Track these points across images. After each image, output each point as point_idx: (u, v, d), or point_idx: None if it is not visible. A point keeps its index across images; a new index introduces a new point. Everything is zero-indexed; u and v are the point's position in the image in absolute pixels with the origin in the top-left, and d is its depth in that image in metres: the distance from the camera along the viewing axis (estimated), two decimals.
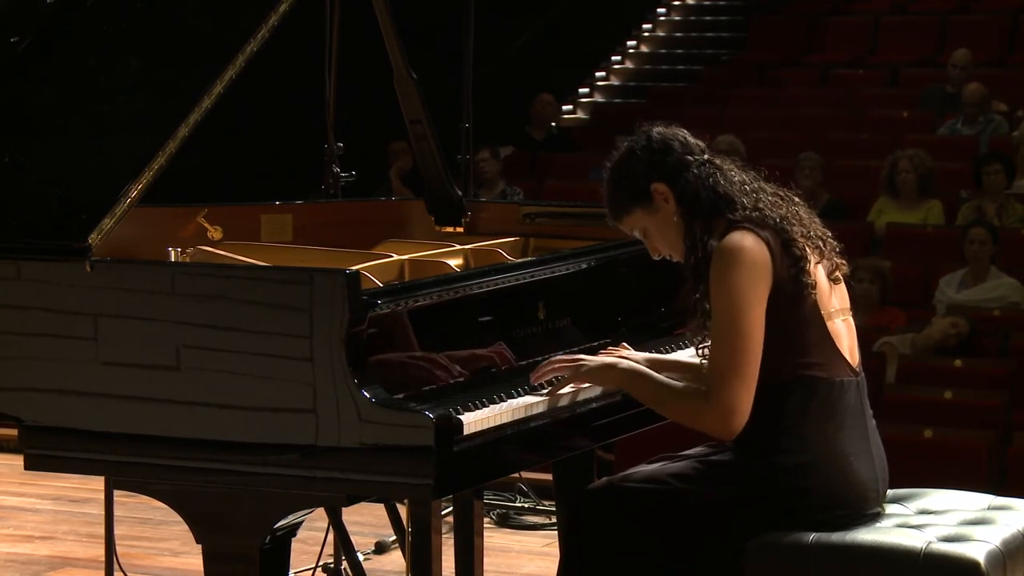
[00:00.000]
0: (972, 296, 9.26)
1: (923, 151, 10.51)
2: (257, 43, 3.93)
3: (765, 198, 3.73)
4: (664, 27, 15.97)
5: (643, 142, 3.81)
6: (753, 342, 3.60)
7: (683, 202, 3.74)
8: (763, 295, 3.60)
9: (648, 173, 3.76)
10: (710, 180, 3.73)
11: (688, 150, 3.78)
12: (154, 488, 3.70)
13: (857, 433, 3.69)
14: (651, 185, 3.75)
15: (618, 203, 3.82)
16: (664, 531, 3.66)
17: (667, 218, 3.76)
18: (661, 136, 3.81)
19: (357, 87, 7.00)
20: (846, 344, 3.72)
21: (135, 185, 3.77)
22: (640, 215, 3.79)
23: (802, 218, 3.74)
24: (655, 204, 3.76)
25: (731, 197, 3.70)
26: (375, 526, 5.88)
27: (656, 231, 3.80)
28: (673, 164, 3.76)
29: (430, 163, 4.63)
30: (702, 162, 3.76)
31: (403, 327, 3.64)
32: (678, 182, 3.74)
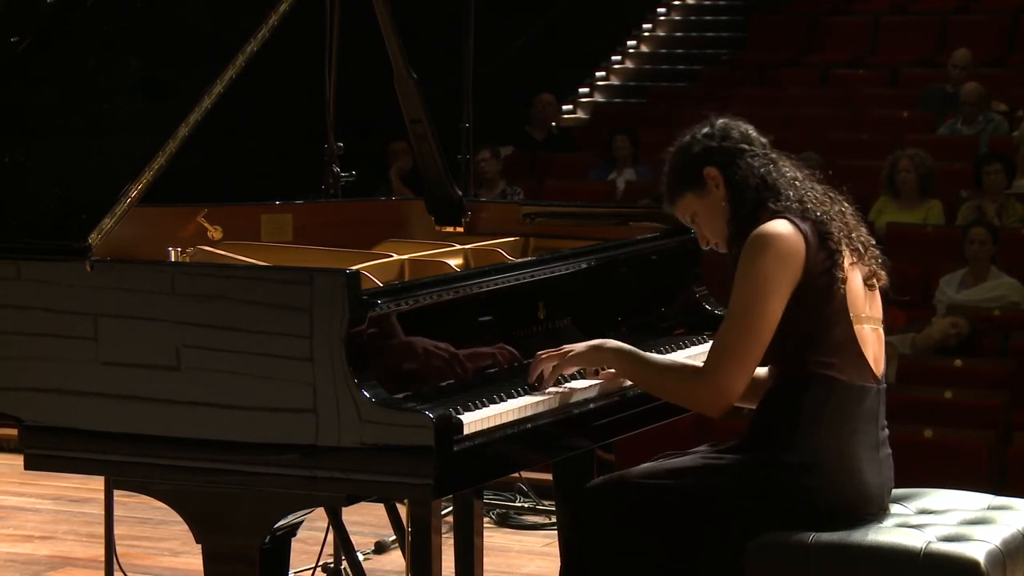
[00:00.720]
0: (972, 296, 9.26)
1: (923, 151, 10.51)
2: (257, 43, 3.92)
3: (813, 195, 3.75)
4: (664, 27, 15.97)
5: (704, 128, 3.86)
6: (764, 330, 3.62)
7: (732, 188, 3.77)
8: (787, 286, 3.62)
9: (703, 157, 3.81)
10: (761, 170, 3.76)
11: (747, 140, 3.82)
12: (154, 488, 3.70)
13: (869, 439, 3.69)
14: (704, 169, 3.79)
15: (673, 186, 3.88)
16: (666, 527, 3.66)
17: (716, 203, 3.79)
18: (723, 124, 3.85)
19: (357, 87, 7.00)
20: (871, 352, 3.72)
21: (135, 185, 3.77)
22: (691, 199, 3.83)
23: (847, 221, 3.76)
24: (707, 188, 3.80)
25: (778, 188, 3.73)
26: (375, 526, 5.88)
27: (705, 217, 3.82)
28: (728, 150, 3.79)
29: (430, 163, 4.63)
30: (756, 153, 3.79)
31: (403, 327, 3.64)
32: (730, 168, 3.78)
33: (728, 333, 3.64)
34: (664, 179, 3.92)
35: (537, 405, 3.73)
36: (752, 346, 3.62)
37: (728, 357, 3.63)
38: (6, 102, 4.17)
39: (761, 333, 3.62)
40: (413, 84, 4.52)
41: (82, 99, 4.15)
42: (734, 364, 3.63)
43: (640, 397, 3.94)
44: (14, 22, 4.28)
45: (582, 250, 4.29)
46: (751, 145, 3.81)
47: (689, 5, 16.18)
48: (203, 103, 3.85)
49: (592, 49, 15.43)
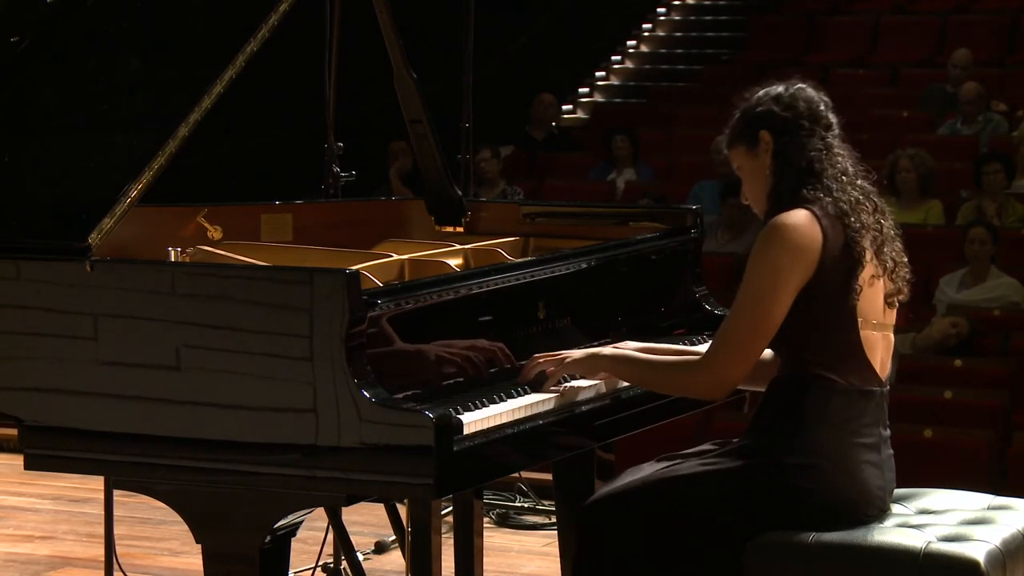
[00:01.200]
0: (972, 296, 9.26)
1: (923, 151, 10.52)
2: (257, 43, 3.92)
3: (854, 195, 3.72)
4: (664, 27, 15.97)
5: (777, 91, 3.82)
6: (770, 322, 3.62)
7: (778, 160, 3.75)
8: (797, 279, 3.61)
9: (762, 119, 3.78)
10: (811, 154, 3.73)
11: (812, 117, 3.78)
12: (154, 488, 3.70)
13: (871, 441, 3.69)
14: (760, 131, 3.77)
15: (731, 133, 3.84)
16: (668, 536, 3.65)
17: (761, 168, 3.78)
18: (794, 92, 3.81)
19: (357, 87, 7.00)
20: (879, 357, 3.72)
21: (135, 185, 3.77)
22: (741, 153, 3.81)
23: (884, 232, 3.74)
24: (757, 150, 3.78)
25: (821, 178, 3.71)
26: (375, 526, 5.88)
27: (748, 175, 3.82)
28: (787, 121, 3.76)
29: (430, 163, 4.63)
30: (815, 133, 3.76)
31: (403, 327, 3.64)
32: (782, 140, 3.76)
33: (734, 322, 3.65)
34: (730, 124, 3.87)
35: (537, 405, 3.73)
36: (756, 337, 3.63)
37: (731, 346, 3.64)
38: (6, 102, 4.17)
39: (767, 325, 3.62)
40: (413, 84, 4.52)
41: (82, 99, 4.15)
42: (737, 353, 3.64)
43: (640, 397, 3.94)
44: (14, 22, 4.28)
45: (582, 250, 4.29)
46: (813, 123, 3.77)
47: (689, 5, 16.18)
48: (203, 103, 3.85)
49: (592, 49, 15.43)
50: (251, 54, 3.91)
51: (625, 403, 3.93)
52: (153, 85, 4.10)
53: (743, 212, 10.08)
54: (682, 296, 4.61)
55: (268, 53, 3.97)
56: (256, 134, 11.42)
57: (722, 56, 14.73)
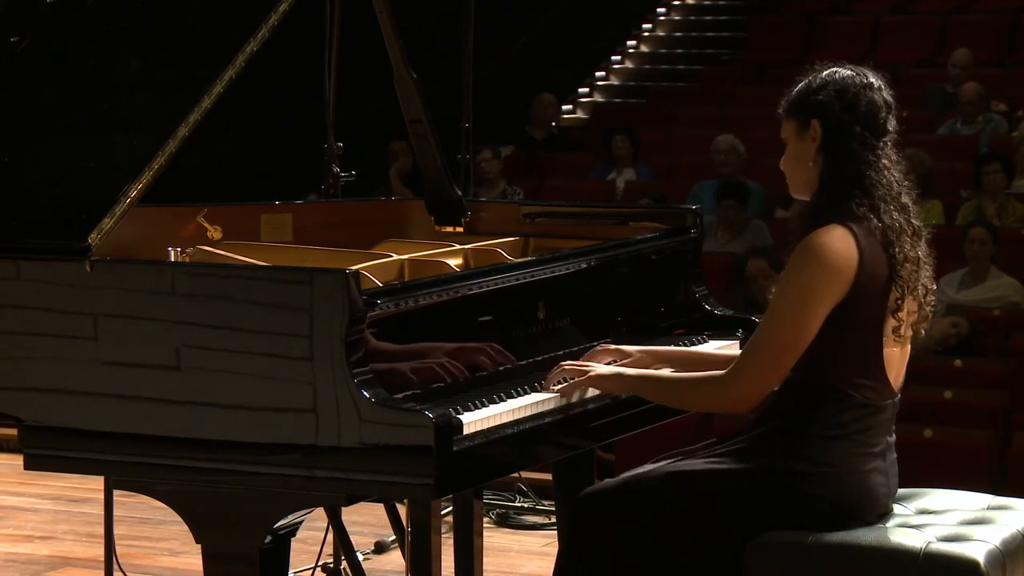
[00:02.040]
0: (972, 296, 9.26)
1: (923, 151, 10.51)
2: (257, 43, 3.92)
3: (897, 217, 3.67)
4: (664, 27, 15.97)
5: (846, 83, 3.75)
6: (800, 342, 3.59)
7: (826, 160, 3.70)
8: (829, 300, 3.58)
9: (820, 108, 3.73)
10: (862, 166, 3.68)
11: (869, 123, 3.73)
12: (154, 488, 3.70)
13: (880, 449, 3.70)
14: (813, 119, 3.73)
15: (791, 103, 3.79)
16: (667, 531, 3.65)
17: (805, 152, 3.74)
18: (862, 93, 3.74)
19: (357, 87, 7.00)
20: (895, 370, 3.71)
21: (135, 185, 3.77)
22: (792, 128, 3.76)
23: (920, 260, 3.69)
24: (806, 134, 3.74)
25: (869, 192, 3.66)
26: (375, 526, 5.88)
27: (791, 154, 3.77)
28: (843, 123, 3.71)
29: (430, 163, 4.63)
30: (869, 144, 3.72)
31: (403, 327, 3.64)
32: (833, 140, 3.71)
33: (763, 338, 3.62)
34: (793, 89, 3.81)
35: (537, 405, 3.73)
36: (785, 354, 3.60)
37: (759, 362, 3.61)
38: (6, 102, 4.17)
39: (796, 343, 3.59)
40: (413, 84, 4.52)
41: (82, 99, 4.15)
42: (764, 369, 3.62)
43: (639, 397, 3.94)
44: (14, 22, 4.28)
45: (582, 250, 4.29)
46: (867, 129, 3.72)
47: (689, 5, 16.18)
48: (203, 103, 3.85)
49: (592, 49, 15.43)
50: (251, 54, 3.91)
51: (625, 403, 3.93)
52: (153, 85, 4.10)
53: (740, 213, 10.09)
54: (682, 296, 4.60)
55: (268, 53, 3.97)
56: (256, 134, 11.42)
57: (722, 56, 14.72)
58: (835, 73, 3.78)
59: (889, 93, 3.81)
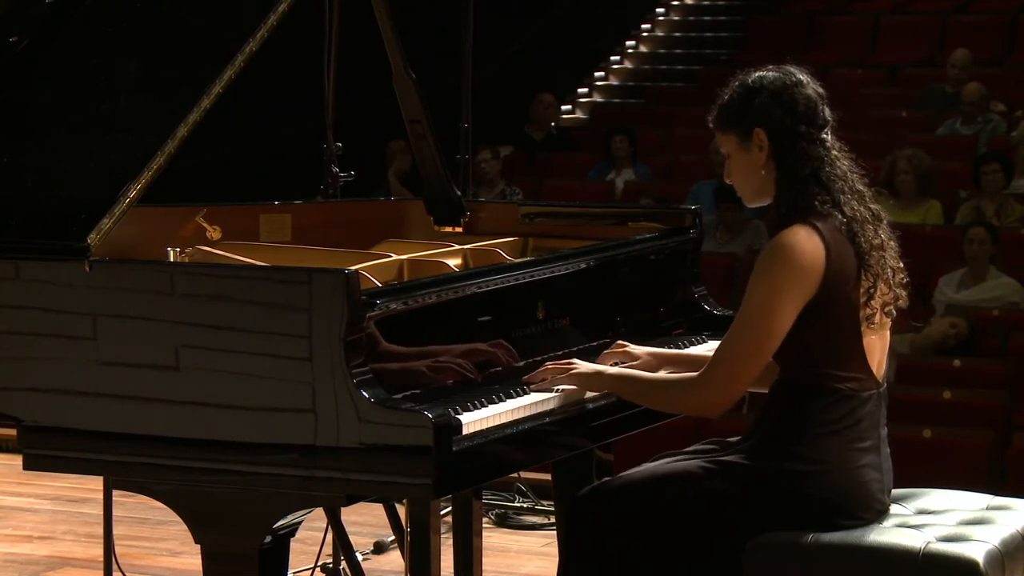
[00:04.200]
0: (971, 296, 9.26)
1: (922, 151, 10.52)
2: (257, 43, 3.92)
3: (860, 209, 3.67)
4: (664, 27, 15.98)
5: (779, 85, 3.73)
6: (771, 341, 3.60)
7: (779, 167, 3.68)
8: (798, 299, 3.59)
9: (759, 116, 3.71)
10: (815, 163, 3.67)
11: (810, 119, 3.71)
12: (153, 488, 3.70)
13: (871, 444, 3.69)
14: (755, 128, 3.71)
15: (722, 118, 3.78)
16: (666, 531, 3.65)
17: (754, 162, 3.73)
18: (795, 91, 3.71)
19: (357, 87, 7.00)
20: (876, 358, 3.71)
21: (135, 185, 3.77)
22: (733, 141, 3.75)
23: (883, 244, 3.69)
24: (750, 144, 3.72)
25: (827, 186, 3.66)
26: (374, 526, 5.88)
27: (738, 166, 3.76)
28: (786, 125, 3.69)
29: (429, 163, 4.63)
30: (815, 139, 3.70)
31: (402, 327, 3.64)
32: (780, 143, 3.69)
33: (735, 340, 3.63)
34: (721, 102, 3.79)
35: (536, 405, 3.73)
36: (756, 355, 3.61)
37: (731, 364, 3.62)
38: (6, 102, 4.17)
39: (767, 344, 3.60)
40: (412, 84, 4.52)
41: (82, 99, 4.15)
42: (736, 371, 3.62)
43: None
44: (14, 22, 4.28)
45: (581, 250, 4.29)
46: (811, 126, 3.70)
47: (688, 5, 16.19)
48: (203, 103, 3.85)
49: (591, 49, 15.44)
50: (251, 54, 3.91)
51: (625, 403, 3.93)
52: (153, 85, 4.09)
53: (739, 213, 10.09)
54: (681, 296, 4.61)
55: (268, 53, 3.97)
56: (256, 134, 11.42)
57: (721, 56, 14.73)
58: (763, 77, 3.75)
59: (818, 84, 3.78)
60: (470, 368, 3.77)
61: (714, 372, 3.64)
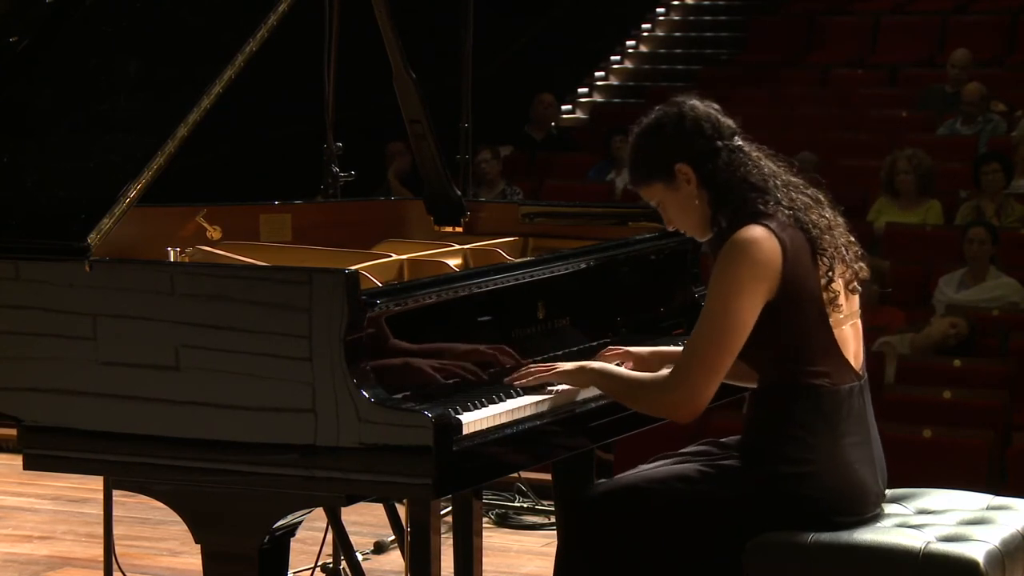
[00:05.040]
0: (971, 296, 9.27)
1: (922, 151, 10.52)
2: (257, 43, 3.92)
3: (799, 197, 3.68)
4: (664, 27, 15.98)
5: (674, 117, 3.73)
6: (734, 338, 3.58)
7: (710, 188, 3.69)
8: (761, 294, 3.58)
9: (674, 152, 3.70)
10: (740, 170, 3.68)
11: (718, 133, 3.71)
12: (153, 488, 3.70)
13: (860, 438, 3.68)
14: (675, 164, 3.70)
15: (639, 172, 3.77)
16: (662, 532, 3.65)
17: (688, 197, 3.72)
18: (693, 115, 3.72)
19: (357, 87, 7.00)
20: (852, 349, 3.70)
21: (134, 185, 3.77)
22: (659, 188, 3.75)
23: (830, 224, 3.70)
24: (676, 183, 3.71)
25: (764, 189, 3.66)
26: (374, 526, 5.88)
27: (674, 207, 3.76)
28: (701, 148, 3.69)
29: (429, 163, 4.63)
30: (732, 148, 3.71)
31: (402, 327, 3.64)
32: (705, 167, 3.69)
33: (698, 340, 3.61)
34: (629, 160, 3.80)
35: (536, 405, 3.73)
36: (721, 354, 3.58)
37: (697, 365, 3.60)
38: (6, 102, 4.17)
39: (731, 342, 3.58)
40: (412, 83, 4.52)
41: (82, 99, 4.15)
42: (703, 371, 3.59)
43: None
44: (14, 22, 4.28)
45: (581, 250, 4.29)
46: (724, 139, 3.71)
47: (689, 5, 16.19)
48: (203, 103, 3.85)
49: (592, 49, 15.44)
50: (251, 54, 3.91)
51: None
52: (153, 85, 4.10)
53: None
54: (681, 296, 4.61)
55: (268, 53, 3.97)
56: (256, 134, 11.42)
57: (721, 56, 14.74)
58: (658, 119, 3.75)
59: (703, 100, 3.78)
60: (470, 368, 3.77)
61: (679, 374, 3.61)
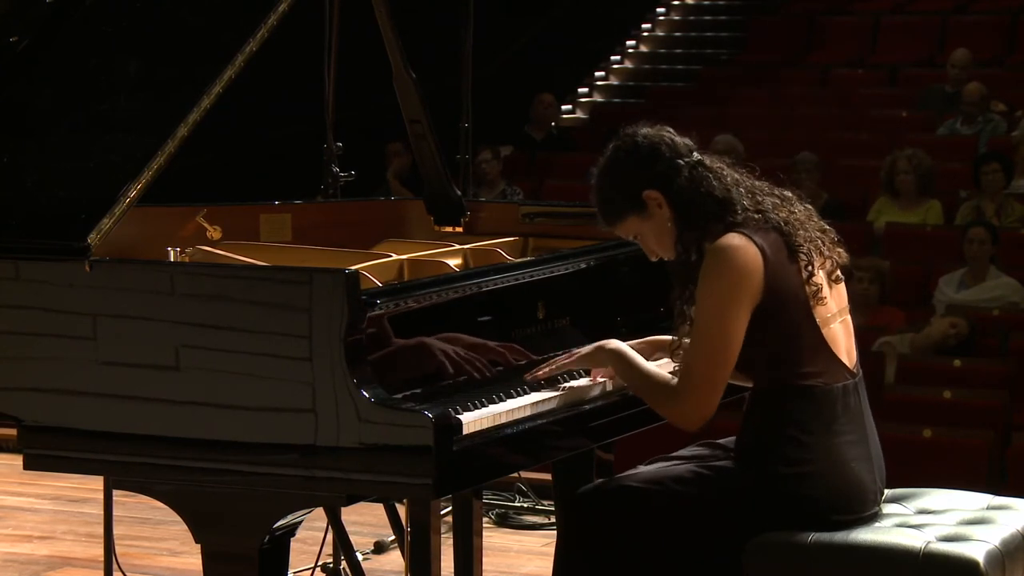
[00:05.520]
0: (971, 296, 9.26)
1: (922, 151, 10.52)
2: (257, 43, 3.93)
3: (765, 200, 3.70)
4: (664, 27, 15.98)
5: (630, 148, 3.75)
6: (729, 349, 3.59)
7: (678, 208, 3.70)
8: (748, 302, 3.59)
9: (639, 180, 3.72)
10: (704, 184, 3.68)
11: (676, 153, 3.73)
12: (153, 488, 3.70)
13: (856, 436, 3.69)
14: (643, 192, 3.71)
15: (610, 210, 3.78)
16: (662, 533, 3.65)
17: (662, 223, 3.73)
18: (648, 141, 3.75)
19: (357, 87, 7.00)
20: (843, 346, 3.70)
21: (135, 185, 3.77)
22: (634, 221, 3.76)
23: (801, 220, 3.71)
24: (649, 210, 3.73)
25: (730, 199, 3.67)
26: (374, 526, 5.88)
27: (652, 235, 3.77)
28: (663, 170, 3.71)
29: (429, 163, 4.63)
30: (693, 164, 3.71)
31: (402, 327, 3.64)
32: (671, 188, 3.70)
33: (695, 357, 3.62)
34: (597, 201, 3.80)
35: (536, 405, 3.73)
36: (718, 365, 3.60)
37: (696, 379, 3.61)
38: (6, 102, 4.17)
39: (726, 351, 3.59)
40: (412, 83, 4.52)
41: (82, 99, 4.15)
42: (703, 385, 3.61)
43: (639, 398, 3.94)
44: (14, 22, 4.28)
45: (581, 250, 4.29)
46: (682, 158, 3.71)
47: (689, 5, 16.19)
48: (203, 103, 3.85)
49: (592, 49, 15.44)
50: (251, 54, 3.92)
51: (624, 403, 3.93)
52: (153, 85, 4.10)
53: None
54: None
55: (268, 53, 3.97)
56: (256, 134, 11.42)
57: (721, 56, 14.74)
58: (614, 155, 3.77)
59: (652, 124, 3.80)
60: (470, 368, 3.77)
61: (682, 392, 3.63)
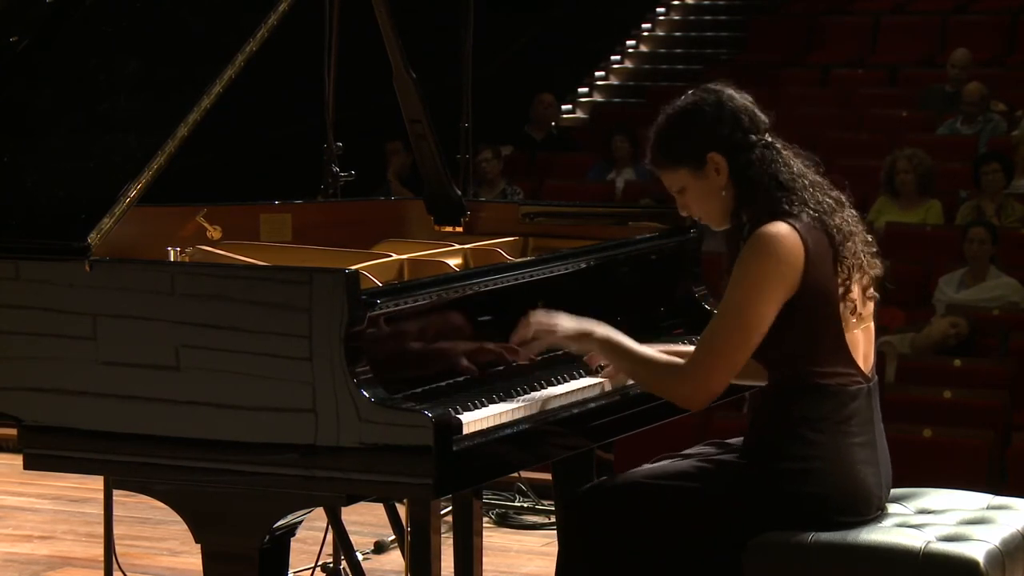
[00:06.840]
0: (971, 296, 9.27)
1: (922, 151, 10.52)
2: (257, 43, 3.93)
3: (825, 199, 3.66)
4: (664, 27, 15.99)
5: (713, 104, 3.70)
6: (754, 333, 3.58)
7: (739, 183, 3.66)
8: (782, 291, 3.57)
9: (710, 140, 3.67)
10: (772, 167, 3.65)
11: (755, 127, 3.68)
12: (154, 488, 3.70)
13: (865, 439, 3.68)
14: (709, 152, 3.67)
15: (667, 153, 3.73)
16: (663, 528, 3.66)
17: (714, 188, 3.69)
18: (733, 106, 3.69)
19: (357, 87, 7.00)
20: (861, 351, 3.69)
21: (135, 185, 3.77)
22: (685, 174, 3.71)
23: (852, 230, 3.67)
24: (705, 171, 3.68)
25: (791, 189, 3.64)
26: (374, 526, 5.88)
27: (697, 195, 3.72)
28: (737, 140, 3.66)
29: (429, 163, 4.63)
30: (767, 144, 3.68)
31: (402, 327, 3.64)
32: (737, 160, 3.66)
33: (717, 332, 3.60)
34: (657, 140, 3.75)
35: (536, 405, 3.73)
36: (739, 348, 3.58)
37: (714, 357, 3.59)
38: (6, 102, 4.17)
39: (750, 336, 3.58)
40: (412, 83, 4.52)
41: (82, 99, 4.15)
42: (719, 364, 3.59)
43: (640, 397, 3.94)
44: (14, 22, 4.28)
45: (582, 250, 4.29)
46: (759, 134, 3.68)
47: (689, 5, 16.20)
48: (203, 103, 3.85)
49: (592, 49, 15.45)
50: (251, 54, 3.92)
51: (624, 403, 3.93)
52: (153, 85, 4.10)
53: None
54: (681, 296, 4.60)
55: (268, 53, 3.97)
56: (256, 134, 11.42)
57: (721, 56, 14.74)
58: (696, 103, 3.71)
59: (739, 91, 3.74)
60: (470, 368, 3.77)
61: (695, 366, 3.61)
